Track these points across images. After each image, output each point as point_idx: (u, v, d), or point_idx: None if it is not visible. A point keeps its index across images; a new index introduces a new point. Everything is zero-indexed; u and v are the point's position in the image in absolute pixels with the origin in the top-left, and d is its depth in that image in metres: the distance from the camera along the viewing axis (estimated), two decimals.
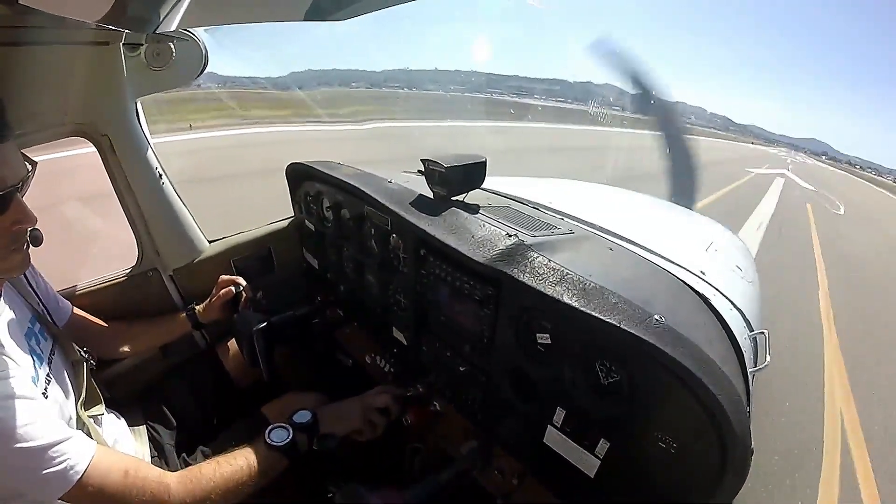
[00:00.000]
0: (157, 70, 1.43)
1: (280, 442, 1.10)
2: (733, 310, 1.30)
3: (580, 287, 0.94)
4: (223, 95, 13.48)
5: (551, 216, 1.50)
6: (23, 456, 0.78)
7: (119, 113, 1.41)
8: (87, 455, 0.85)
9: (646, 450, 0.89)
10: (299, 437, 1.13)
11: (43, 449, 0.79)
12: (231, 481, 1.01)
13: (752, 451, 0.77)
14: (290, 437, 1.12)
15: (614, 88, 46.15)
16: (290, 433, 1.12)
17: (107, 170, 1.48)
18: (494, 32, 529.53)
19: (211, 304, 1.59)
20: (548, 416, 1.05)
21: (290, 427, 1.14)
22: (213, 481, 0.99)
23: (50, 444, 0.80)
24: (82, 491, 0.83)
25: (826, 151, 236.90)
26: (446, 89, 33.46)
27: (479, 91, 34.01)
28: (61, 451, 0.81)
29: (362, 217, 1.50)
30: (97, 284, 1.55)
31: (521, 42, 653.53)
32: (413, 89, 31.03)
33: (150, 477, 0.93)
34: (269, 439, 1.10)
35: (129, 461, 0.93)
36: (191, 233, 1.71)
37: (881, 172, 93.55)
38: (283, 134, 11.28)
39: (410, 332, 1.42)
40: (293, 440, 1.12)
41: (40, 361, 0.99)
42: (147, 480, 0.92)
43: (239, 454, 1.06)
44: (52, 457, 0.80)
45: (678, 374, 0.79)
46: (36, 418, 0.81)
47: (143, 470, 0.93)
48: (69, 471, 0.82)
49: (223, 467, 1.02)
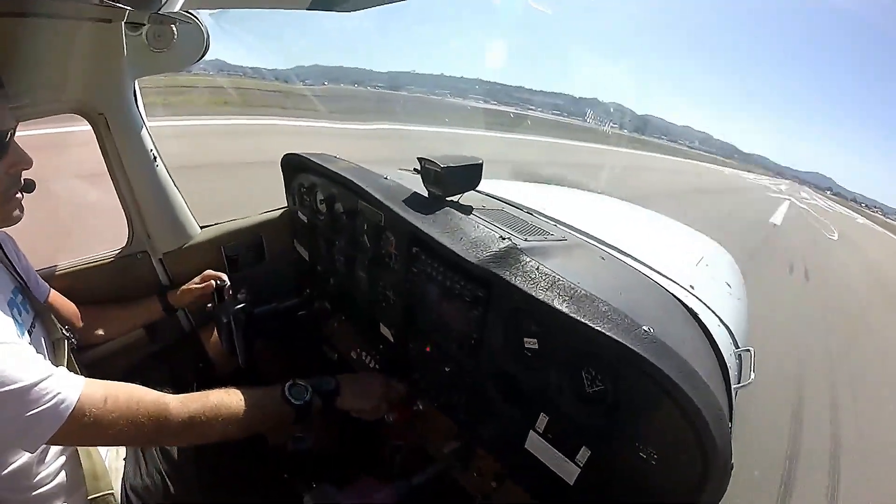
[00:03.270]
0: (157, 51, 1.42)
1: (297, 399, 1.07)
2: (721, 326, 1.31)
3: (571, 293, 0.94)
4: (223, 82, 13.40)
5: (545, 222, 1.50)
6: (7, 399, 0.74)
7: (117, 92, 1.40)
8: (76, 388, 0.81)
9: (627, 459, 0.88)
10: (316, 400, 1.11)
11: (27, 388, 0.75)
12: (235, 415, 0.98)
13: (732, 466, 0.77)
14: (308, 398, 1.09)
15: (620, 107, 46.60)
16: (309, 394, 1.10)
17: (101, 149, 1.46)
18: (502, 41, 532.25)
19: (188, 289, 1.58)
20: (531, 420, 1.04)
21: (309, 388, 1.11)
22: (217, 409, 0.96)
23: (34, 383, 0.76)
24: (76, 424, 0.79)
25: (830, 187, 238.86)
26: (452, 95, 33.44)
27: (484, 99, 33.94)
28: (48, 388, 0.77)
29: (356, 211, 1.49)
30: (85, 264, 1.53)
31: (528, 53, 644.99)
32: (418, 93, 30.99)
33: (146, 399, 0.90)
34: (287, 393, 1.07)
35: (121, 387, 0.89)
36: (182, 217, 1.69)
37: (887, 213, 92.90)
38: (276, 126, 11.08)
39: (398, 330, 1.41)
40: (309, 402, 1.09)
41: (21, 331, 0.97)
42: (143, 402, 0.88)
43: (252, 393, 1.04)
44: (38, 395, 0.76)
45: (663, 385, 0.79)
46: (16, 360, 0.77)
47: (137, 393, 0.90)
48: (59, 405, 0.78)
49: (231, 398, 1.00)
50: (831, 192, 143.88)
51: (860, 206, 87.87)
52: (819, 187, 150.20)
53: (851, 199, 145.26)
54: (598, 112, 29.01)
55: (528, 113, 34.72)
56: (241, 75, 16.97)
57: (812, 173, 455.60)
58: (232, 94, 13.23)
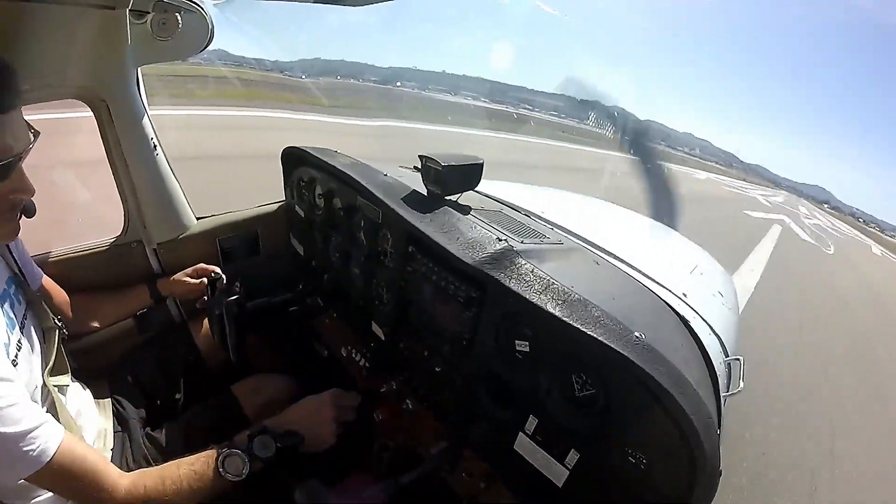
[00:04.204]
0: (161, 40, 1.42)
1: (233, 475, 1.04)
2: (711, 335, 1.32)
3: (564, 297, 0.95)
4: (226, 73, 13.29)
5: (542, 225, 1.50)
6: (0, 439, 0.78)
7: (119, 79, 1.40)
8: (57, 439, 0.85)
9: (616, 464, 0.89)
10: (255, 467, 1.08)
11: (21, 434, 0.79)
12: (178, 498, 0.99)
13: (720, 473, 0.78)
14: (246, 469, 1.06)
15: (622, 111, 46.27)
16: (247, 466, 1.07)
17: (102, 136, 1.46)
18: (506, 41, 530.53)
19: (179, 280, 1.58)
20: (520, 423, 1.05)
21: (247, 459, 1.07)
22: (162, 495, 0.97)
23: (28, 430, 0.80)
24: (47, 473, 0.83)
25: (828, 200, 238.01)
26: (453, 93, 33.27)
27: (485, 99, 33.71)
28: (35, 435, 0.81)
29: (354, 208, 1.49)
30: (78, 251, 1.53)
31: (530, 53, 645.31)
32: (420, 90, 30.80)
33: (107, 473, 0.92)
34: (222, 469, 1.04)
35: (92, 454, 0.92)
36: (180, 207, 1.69)
37: (884, 229, 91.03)
38: (273, 120, 10.74)
39: (389, 328, 1.41)
40: (249, 472, 1.07)
41: (12, 326, 0.97)
42: (101, 476, 0.90)
43: (190, 477, 1.01)
44: (26, 441, 0.80)
45: (653, 391, 0.80)
46: (14, 402, 0.80)
47: (101, 465, 0.92)
48: (40, 455, 0.81)
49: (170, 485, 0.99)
50: (829, 205, 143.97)
51: (857, 221, 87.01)
52: (817, 200, 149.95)
53: (850, 213, 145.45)
54: (600, 115, 28.68)
55: (529, 113, 34.41)
56: (244, 66, 16.85)
57: (811, 185, 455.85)
58: (236, 83, 13.14)
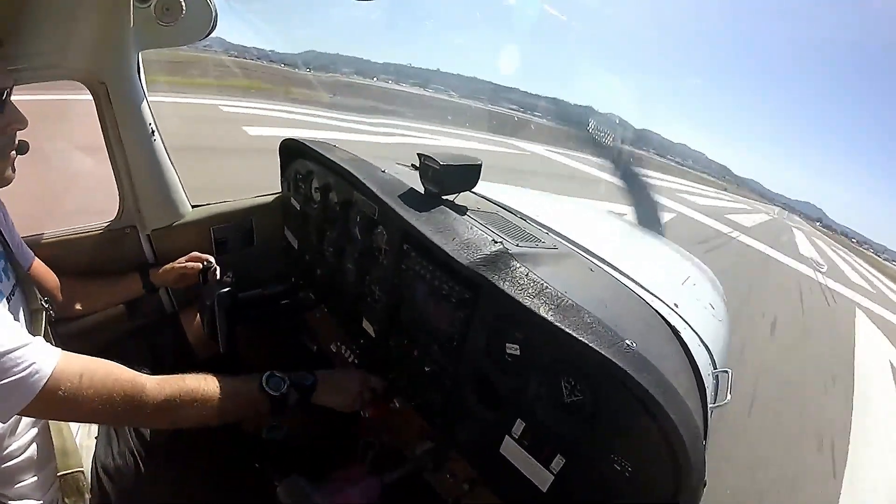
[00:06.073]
0: (164, 25, 1.40)
1: (274, 390, 1.06)
2: (701, 346, 1.32)
3: (557, 302, 0.95)
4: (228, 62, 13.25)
5: (538, 229, 1.51)
6: None
7: (120, 63, 1.38)
8: (51, 360, 0.78)
9: (601, 470, 0.89)
10: (292, 393, 1.09)
11: (1, 355, 0.72)
12: (210, 401, 0.96)
13: (705, 484, 0.78)
14: (285, 390, 1.07)
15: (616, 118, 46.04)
16: (286, 386, 1.08)
17: (100, 119, 1.45)
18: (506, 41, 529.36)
19: (171, 269, 1.56)
20: (507, 426, 1.04)
21: (287, 380, 1.09)
22: (193, 394, 0.94)
23: (9, 350, 0.73)
24: (49, 398, 0.76)
25: (821, 218, 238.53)
26: (448, 93, 33.12)
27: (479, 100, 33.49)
28: (23, 357, 0.74)
29: (350, 203, 1.48)
30: (71, 234, 1.51)
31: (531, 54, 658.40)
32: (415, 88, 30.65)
33: (122, 377, 0.87)
34: (264, 383, 1.06)
35: (99, 363, 0.87)
36: (175, 194, 1.67)
37: (877, 251, 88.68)
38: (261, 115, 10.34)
39: (380, 326, 1.41)
40: (285, 394, 1.07)
41: (0, 297, 0.96)
42: (119, 381, 0.86)
43: (229, 381, 1.02)
44: (12, 363, 0.73)
45: (642, 399, 0.80)
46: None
47: (114, 370, 0.87)
48: (32, 377, 0.74)
49: (208, 384, 0.98)
50: (821, 223, 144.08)
51: (850, 241, 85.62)
52: (809, 217, 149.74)
53: (842, 232, 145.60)
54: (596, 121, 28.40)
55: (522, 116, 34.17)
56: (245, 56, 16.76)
57: (803, 202, 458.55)
58: (237, 72, 13.08)
